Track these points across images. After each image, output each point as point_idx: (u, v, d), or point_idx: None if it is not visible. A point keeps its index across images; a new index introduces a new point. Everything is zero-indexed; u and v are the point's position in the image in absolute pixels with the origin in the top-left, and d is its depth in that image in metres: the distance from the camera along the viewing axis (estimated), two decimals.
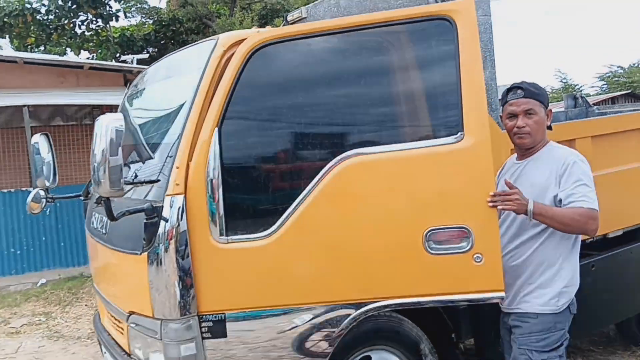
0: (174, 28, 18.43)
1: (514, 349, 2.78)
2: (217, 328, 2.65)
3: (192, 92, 2.69)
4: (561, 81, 29.40)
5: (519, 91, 2.72)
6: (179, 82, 3.09)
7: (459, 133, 2.56)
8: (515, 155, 2.91)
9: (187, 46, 3.24)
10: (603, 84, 31.49)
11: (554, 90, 28.13)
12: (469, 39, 2.60)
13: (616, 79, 31.74)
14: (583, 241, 3.13)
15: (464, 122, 2.54)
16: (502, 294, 2.61)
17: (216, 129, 2.61)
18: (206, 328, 2.64)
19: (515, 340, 2.77)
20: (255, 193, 2.75)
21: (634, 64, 33.62)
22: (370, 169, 2.61)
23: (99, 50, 17.48)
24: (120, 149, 2.32)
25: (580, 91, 28.78)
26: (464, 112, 2.54)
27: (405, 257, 2.59)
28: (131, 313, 2.84)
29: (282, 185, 2.77)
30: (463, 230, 2.54)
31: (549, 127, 2.81)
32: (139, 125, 3.37)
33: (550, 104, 3.28)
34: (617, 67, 32.30)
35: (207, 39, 2.94)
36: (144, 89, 3.57)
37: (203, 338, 2.64)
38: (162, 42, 18.38)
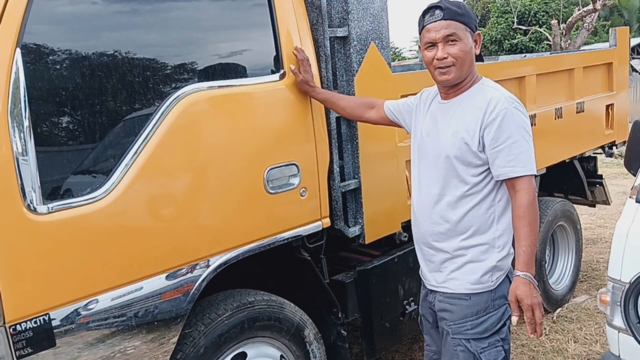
0: None
1: (447, 340, 2.24)
2: (40, 337, 1.86)
3: None
4: None
5: (437, 12, 2.06)
6: None
7: (282, 71, 2.55)
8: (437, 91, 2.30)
9: None
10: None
11: None
12: None
13: None
14: None
15: (282, 61, 2.55)
16: (327, 220, 2.71)
17: (18, 50, 1.80)
18: (22, 342, 1.82)
19: (447, 330, 2.23)
20: (80, 139, 2.03)
21: None
22: (211, 105, 2.30)
23: None
24: None
25: (400, 55, 29.55)
26: (281, 52, 2.54)
27: (251, 200, 2.43)
28: None
29: (116, 128, 2.10)
30: (293, 167, 2.54)
31: (479, 58, 2.23)
32: None
33: (392, 63, 2.87)
34: None
35: None
36: None
37: (19, 357, 1.81)
38: None
